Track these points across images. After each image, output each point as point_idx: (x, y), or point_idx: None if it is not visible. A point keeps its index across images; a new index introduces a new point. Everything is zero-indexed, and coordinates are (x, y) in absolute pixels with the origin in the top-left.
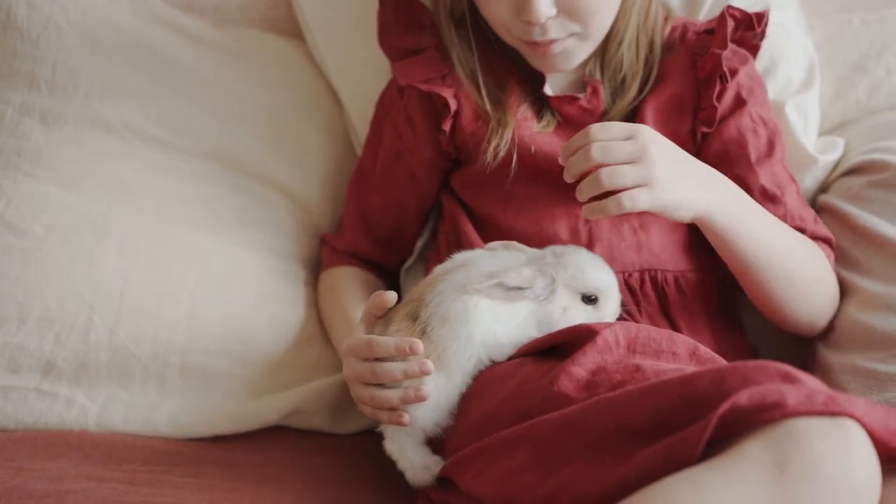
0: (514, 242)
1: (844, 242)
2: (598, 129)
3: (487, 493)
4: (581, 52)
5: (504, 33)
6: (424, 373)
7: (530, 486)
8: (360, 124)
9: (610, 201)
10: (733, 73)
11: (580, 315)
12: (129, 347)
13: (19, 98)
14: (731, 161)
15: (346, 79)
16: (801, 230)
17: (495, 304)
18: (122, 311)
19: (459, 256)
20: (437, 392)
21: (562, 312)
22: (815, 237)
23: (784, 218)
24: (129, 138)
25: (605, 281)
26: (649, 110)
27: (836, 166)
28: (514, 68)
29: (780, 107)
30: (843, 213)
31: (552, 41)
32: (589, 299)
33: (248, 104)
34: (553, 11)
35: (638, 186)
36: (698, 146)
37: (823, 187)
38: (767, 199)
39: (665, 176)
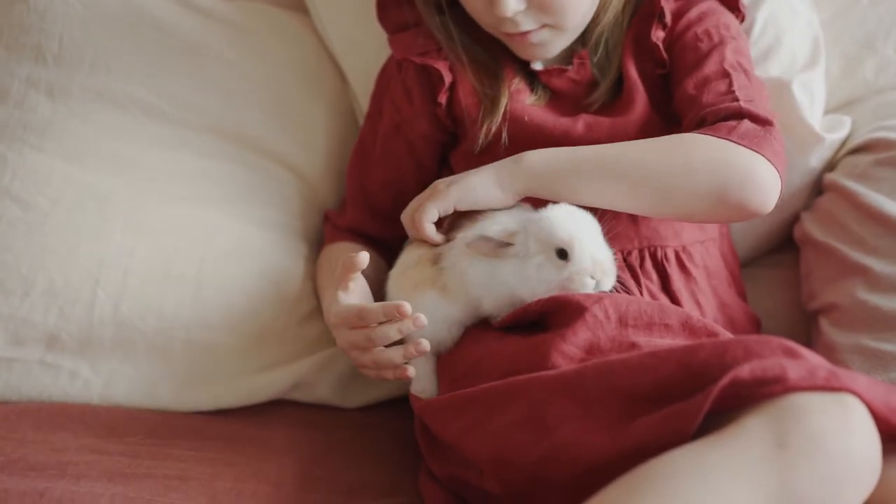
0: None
1: (849, 220)
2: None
3: (482, 452)
4: (559, 41)
5: (483, 24)
6: (419, 327)
7: (524, 447)
8: (365, 99)
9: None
10: (677, 14)
11: (551, 271)
12: (134, 322)
13: (25, 71)
14: (675, 82)
15: (350, 54)
16: (707, 118)
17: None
18: (127, 285)
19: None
20: (436, 307)
21: (536, 268)
22: (727, 117)
23: (696, 116)
24: (135, 112)
25: (570, 233)
26: (630, 68)
27: (842, 145)
28: (503, 44)
29: (787, 85)
30: (849, 191)
31: (526, 33)
32: (562, 254)
33: (253, 79)
34: (522, 6)
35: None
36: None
37: (830, 166)
38: (687, 101)
39: (446, 186)
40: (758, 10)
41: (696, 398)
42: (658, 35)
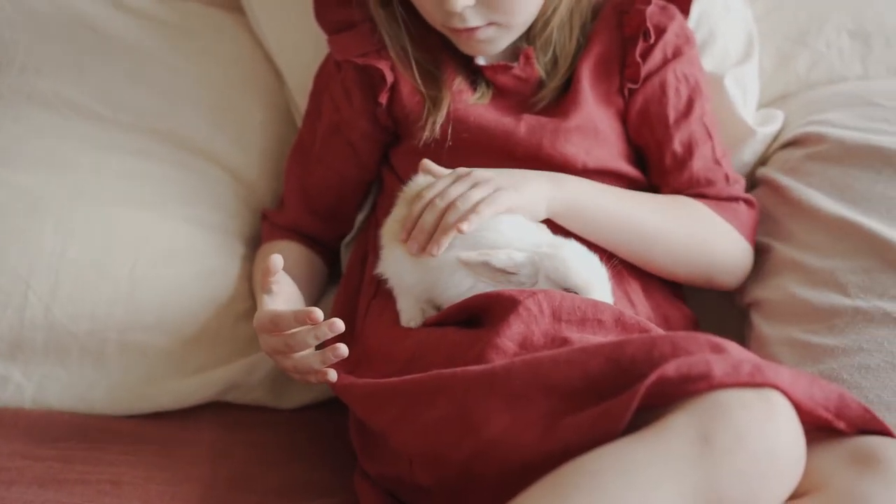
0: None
1: (781, 215)
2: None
3: (412, 446)
4: (505, 39)
5: (429, 19)
6: (335, 331)
7: (454, 443)
8: (301, 99)
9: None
10: (661, 30)
11: None
12: (66, 325)
13: None
14: (650, 119)
15: (286, 53)
16: (706, 196)
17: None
18: (59, 288)
19: None
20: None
21: None
22: (728, 198)
23: (689, 181)
24: (67, 114)
25: (585, 278)
26: (584, 73)
27: (775, 139)
28: (446, 42)
29: (719, 80)
30: (780, 185)
31: (474, 29)
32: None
33: (188, 79)
34: (471, 2)
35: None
36: (627, 103)
37: (763, 160)
38: (676, 163)
39: (509, 181)
40: (692, 6)
41: (623, 397)
42: (640, 54)
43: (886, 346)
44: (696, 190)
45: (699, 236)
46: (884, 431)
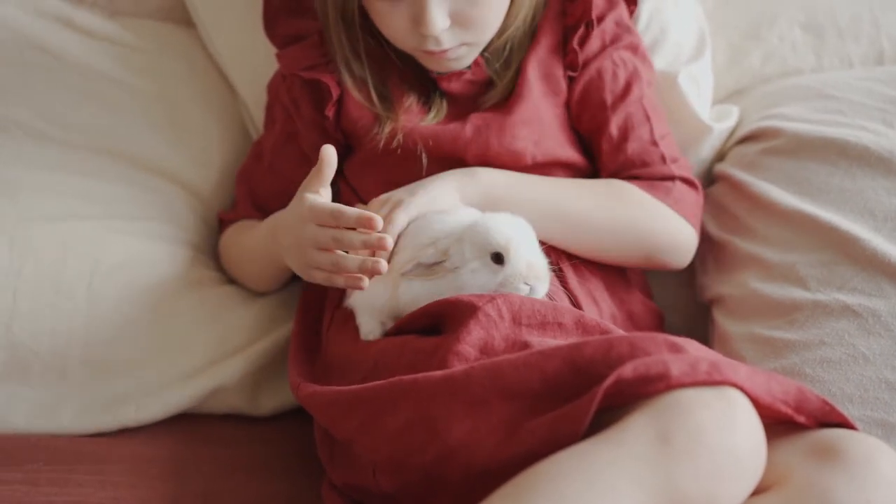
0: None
1: (740, 211)
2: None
3: (377, 453)
4: (473, 55)
5: (398, 43)
6: (381, 247)
7: (417, 449)
8: (256, 111)
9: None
10: (600, 19)
11: (486, 276)
12: (27, 343)
13: None
14: (590, 104)
15: (239, 67)
16: (639, 177)
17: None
18: (17, 307)
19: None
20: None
21: (471, 274)
22: (661, 177)
23: (623, 163)
24: (17, 135)
25: (505, 236)
26: (530, 65)
27: (731, 134)
28: (395, 61)
29: (673, 77)
30: (738, 181)
31: (446, 50)
32: (497, 258)
33: (141, 96)
34: (447, 24)
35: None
36: (568, 90)
37: (720, 156)
38: (612, 146)
39: (406, 191)
40: (642, 4)
41: (582, 400)
42: (578, 42)
43: (847, 339)
44: (630, 172)
45: (625, 218)
46: (844, 423)
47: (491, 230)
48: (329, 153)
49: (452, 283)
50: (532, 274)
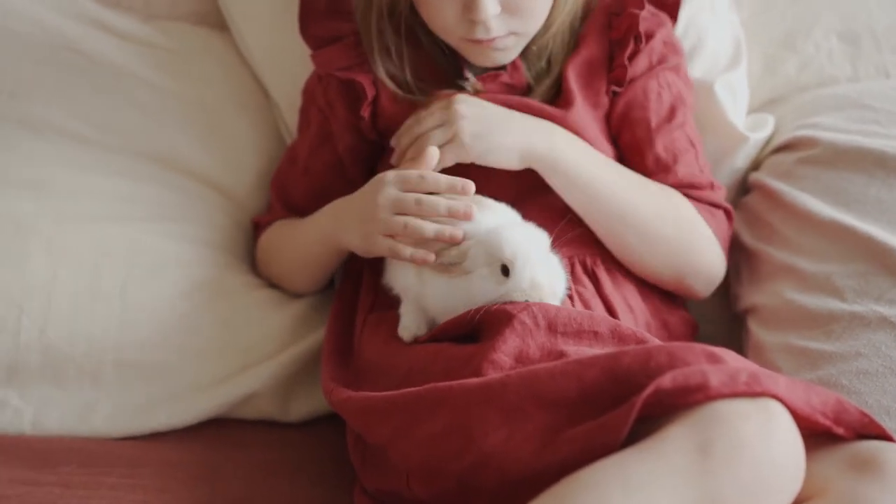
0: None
1: (775, 220)
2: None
3: (411, 459)
4: (520, 47)
5: (445, 33)
6: (467, 216)
7: (452, 456)
8: (290, 115)
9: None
10: (648, 35)
11: (491, 285)
12: (61, 346)
13: None
14: (631, 123)
15: (273, 71)
16: (690, 197)
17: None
18: (52, 310)
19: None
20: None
21: (479, 280)
22: (711, 203)
23: (675, 184)
24: (55, 138)
25: (513, 250)
26: (570, 74)
27: (766, 143)
28: (432, 61)
29: (709, 86)
30: (773, 190)
31: (494, 38)
32: (505, 270)
33: (176, 100)
34: (498, 9)
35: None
36: (610, 105)
37: (755, 165)
38: (660, 167)
39: (472, 128)
40: (679, 12)
41: (620, 410)
42: (628, 57)
43: (884, 351)
44: (682, 191)
45: (678, 229)
46: (883, 436)
47: (502, 241)
48: (432, 154)
49: (464, 285)
50: (535, 293)
